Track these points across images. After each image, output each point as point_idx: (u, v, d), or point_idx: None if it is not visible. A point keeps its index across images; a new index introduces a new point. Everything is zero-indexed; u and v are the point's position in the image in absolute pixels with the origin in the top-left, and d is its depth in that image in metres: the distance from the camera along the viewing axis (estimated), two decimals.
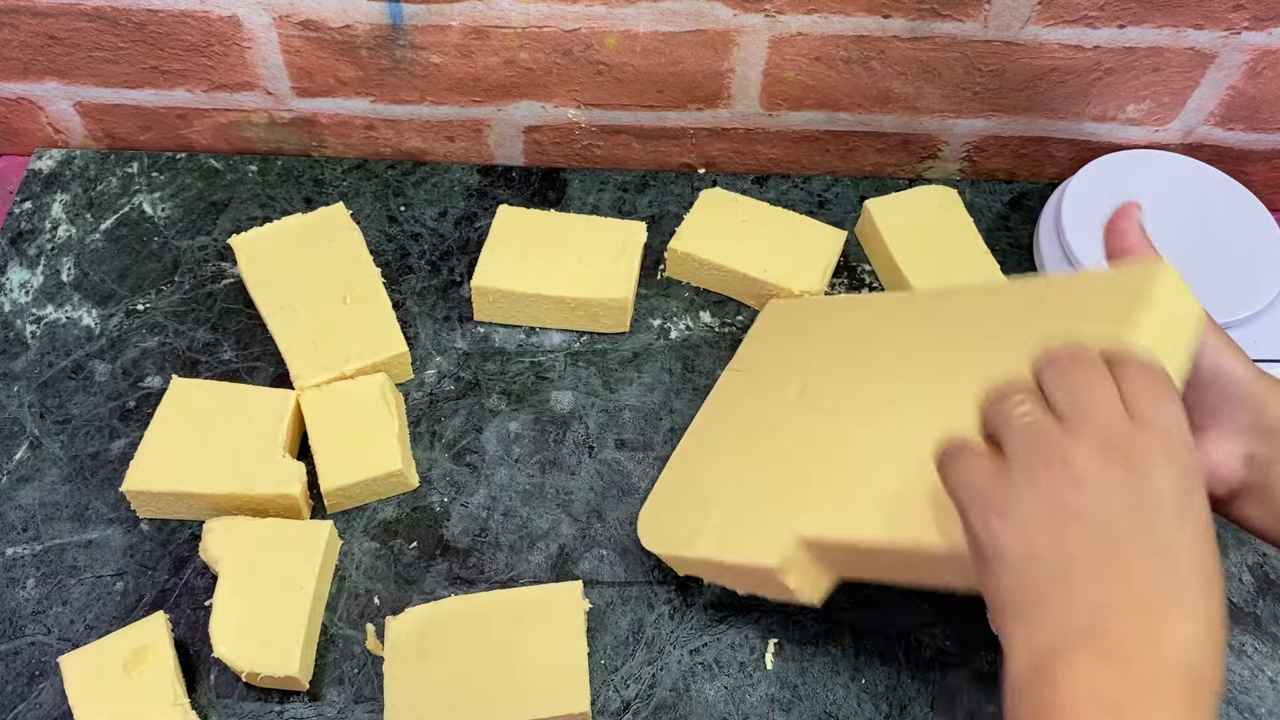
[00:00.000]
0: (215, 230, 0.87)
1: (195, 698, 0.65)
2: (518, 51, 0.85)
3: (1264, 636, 0.70)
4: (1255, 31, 0.81)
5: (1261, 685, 0.69)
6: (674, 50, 0.84)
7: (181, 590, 0.70)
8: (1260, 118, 0.89)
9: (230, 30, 0.83)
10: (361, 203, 0.89)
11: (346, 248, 0.82)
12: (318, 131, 0.92)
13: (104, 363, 0.80)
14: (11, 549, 0.71)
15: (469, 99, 0.89)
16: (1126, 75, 0.85)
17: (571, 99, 0.89)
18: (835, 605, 0.64)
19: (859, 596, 0.66)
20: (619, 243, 0.82)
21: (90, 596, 0.69)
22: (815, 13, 0.81)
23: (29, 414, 0.77)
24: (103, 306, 0.82)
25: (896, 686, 0.68)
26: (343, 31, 0.83)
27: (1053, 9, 0.80)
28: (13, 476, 0.74)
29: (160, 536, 0.72)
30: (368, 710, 0.66)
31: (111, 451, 0.75)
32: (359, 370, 0.76)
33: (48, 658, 0.67)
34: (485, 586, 0.70)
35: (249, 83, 0.88)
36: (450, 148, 0.93)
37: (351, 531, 0.73)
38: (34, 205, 0.88)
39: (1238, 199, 0.84)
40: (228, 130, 0.92)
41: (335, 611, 0.69)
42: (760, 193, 0.91)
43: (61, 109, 0.91)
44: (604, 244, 0.82)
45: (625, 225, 0.84)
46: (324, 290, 0.79)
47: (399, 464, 0.72)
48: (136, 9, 0.82)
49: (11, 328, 0.81)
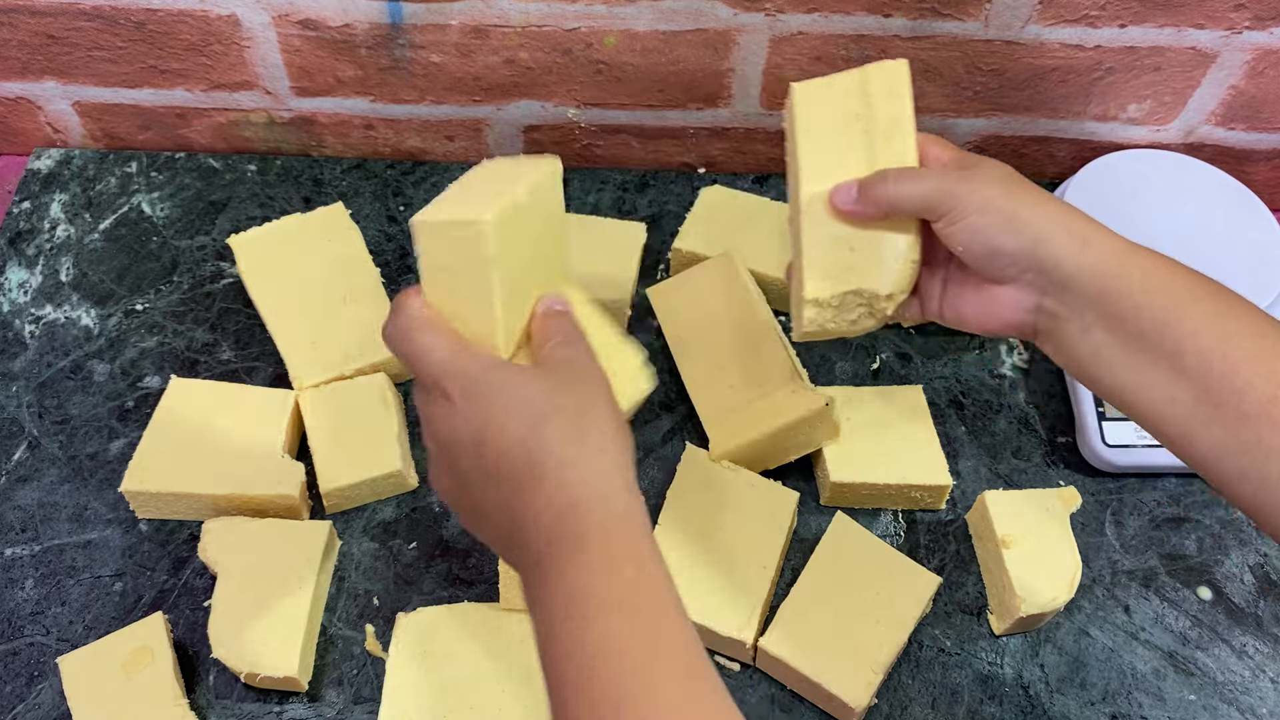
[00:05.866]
0: (214, 230, 0.87)
1: (195, 698, 0.65)
2: (517, 51, 0.84)
3: (1265, 637, 0.70)
4: (1256, 31, 0.81)
5: (1263, 686, 0.68)
6: (674, 49, 0.84)
7: (181, 590, 0.70)
8: (1261, 117, 0.89)
9: (229, 29, 0.83)
10: (361, 202, 0.89)
11: (346, 248, 0.82)
12: (317, 131, 0.92)
13: (103, 363, 0.79)
14: (10, 549, 0.71)
15: (468, 98, 0.89)
16: (1127, 75, 0.85)
17: (571, 98, 0.89)
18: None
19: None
20: (618, 244, 0.82)
21: (89, 597, 0.69)
22: (815, 12, 0.81)
23: (28, 414, 0.77)
24: (101, 306, 0.82)
25: (896, 686, 0.68)
26: (342, 31, 0.83)
27: (1053, 8, 0.80)
28: (11, 477, 0.74)
29: (159, 537, 0.72)
30: (367, 710, 0.65)
31: (110, 451, 0.75)
32: (359, 370, 0.76)
33: (46, 658, 0.67)
34: (484, 587, 0.70)
35: (248, 82, 0.88)
36: (450, 147, 0.93)
37: (351, 531, 0.72)
38: (32, 205, 0.88)
39: (1238, 199, 0.84)
40: (227, 130, 0.92)
41: (335, 612, 0.69)
42: (760, 192, 0.91)
43: (60, 108, 0.90)
44: (603, 245, 0.82)
45: (625, 226, 0.84)
46: (324, 290, 0.79)
47: (399, 464, 0.72)
48: (135, 8, 0.82)
49: (10, 328, 0.81)
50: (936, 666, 0.68)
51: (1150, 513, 0.75)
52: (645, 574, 0.47)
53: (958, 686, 0.68)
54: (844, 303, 0.58)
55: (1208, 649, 0.70)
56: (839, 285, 0.57)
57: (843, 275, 0.57)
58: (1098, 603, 0.71)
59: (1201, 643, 0.70)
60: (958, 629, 0.70)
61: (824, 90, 0.61)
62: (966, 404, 0.80)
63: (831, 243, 0.58)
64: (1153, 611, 0.71)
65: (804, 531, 0.73)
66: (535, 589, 0.48)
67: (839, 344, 0.82)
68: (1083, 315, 0.53)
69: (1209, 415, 0.50)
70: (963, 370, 0.81)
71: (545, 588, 0.47)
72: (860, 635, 0.65)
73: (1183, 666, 0.69)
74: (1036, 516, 0.70)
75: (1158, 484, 0.77)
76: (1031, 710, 0.67)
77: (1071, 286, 0.53)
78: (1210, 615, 0.71)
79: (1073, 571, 0.68)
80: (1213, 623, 0.71)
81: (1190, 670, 0.69)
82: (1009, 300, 0.56)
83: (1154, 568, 0.73)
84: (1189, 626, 0.71)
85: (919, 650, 0.69)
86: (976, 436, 0.78)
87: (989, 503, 0.71)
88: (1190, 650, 0.70)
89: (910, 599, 0.68)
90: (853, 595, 0.67)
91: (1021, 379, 0.81)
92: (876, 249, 0.57)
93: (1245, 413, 0.49)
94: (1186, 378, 0.51)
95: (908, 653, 0.69)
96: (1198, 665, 0.69)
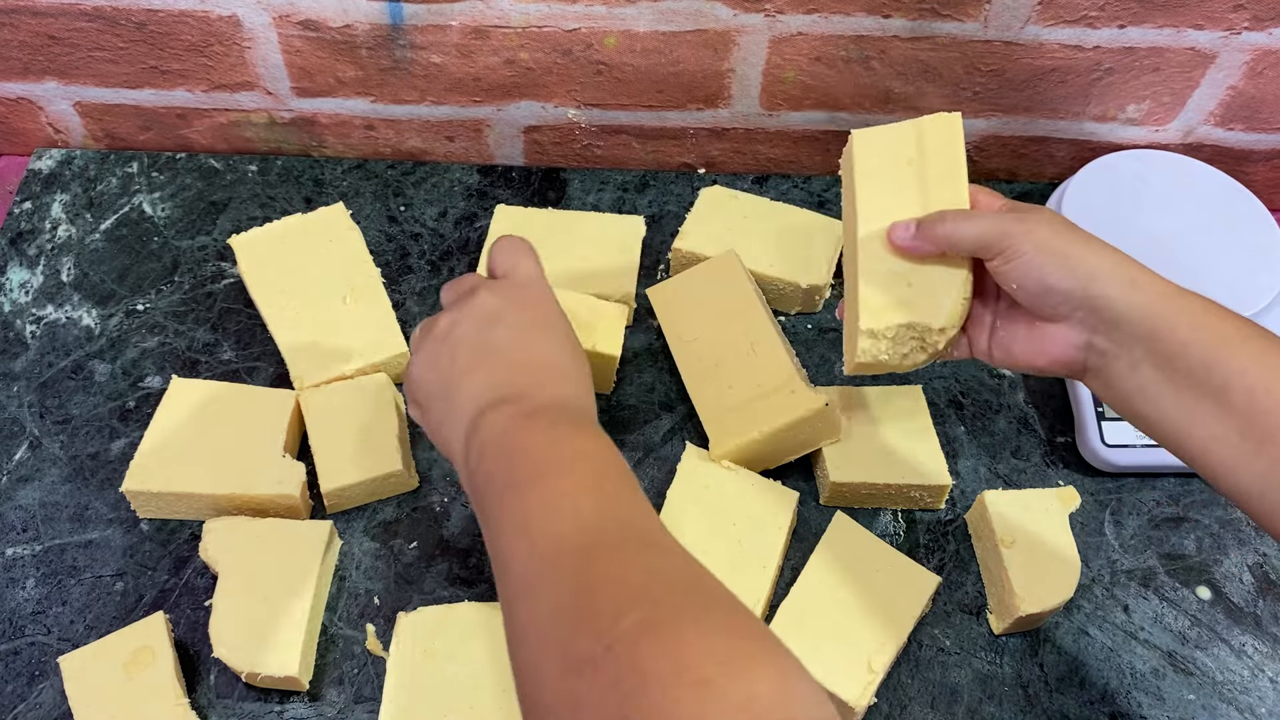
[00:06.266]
0: (215, 230, 0.87)
1: (195, 698, 0.65)
2: (518, 51, 0.84)
3: (1264, 636, 0.70)
4: (1255, 31, 0.81)
5: (1262, 685, 0.69)
6: (674, 50, 0.84)
7: (181, 590, 0.70)
8: (1260, 118, 0.89)
9: (230, 30, 0.83)
10: (361, 203, 0.89)
11: (346, 248, 0.82)
12: (318, 131, 0.92)
13: (104, 363, 0.79)
14: (11, 549, 0.71)
15: (469, 99, 0.89)
16: (1127, 75, 0.85)
17: (571, 99, 0.89)
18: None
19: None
20: (619, 239, 0.83)
21: (90, 597, 0.69)
22: (815, 13, 0.81)
23: (29, 414, 0.77)
24: (103, 306, 0.82)
25: (896, 686, 0.68)
26: (343, 31, 0.83)
27: (1053, 9, 0.80)
28: (13, 477, 0.74)
29: (160, 536, 0.72)
30: (367, 710, 0.66)
31: (111, 451, 0.75)
32: (359, 370, 0.76)
33: (47, 658, 0.67)
34: (485, 587, 0.70)
35: (249, 83, 0.88)
36: (450, 148, 0.93)
37: (351, 531, 0.73)
38: (34, 205, 0.88)
39: (1238, 199, 0.84)
40: (227, 130, 0.92)
41: (335, 611, 0.69)
42: (760, 192, 0.91)
43: (61, 109, 0.91)
44: (604, 240, 0.82)
45: (624, 220, 0.84)
46: (324, 290, 0.79)
47: (399, 464, 0.72)
48: (136, 9, 0.82)
49: (11, 328, 0.81)
50: (936, 666, 0.69)
51: (1149, 512, 0.75)
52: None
53: (957, 686, 0.68)
54: (898, 335, 0.60)
55: (1207, 648, 0.70)
56: (894, 318, 0.60)
57: (898, 309, 0.60)
58: (1097, 602, 0.71)
59: (1200, 642, 0.70)
60: (957, 629, 0.70)
61: (882, 138, 0.64)
62: (966, 404, 0.80)
63: (887, 278, 0.61)
64: (1152, 611, 0.71)
65: (804, 531, 0.73)
66: (494, 459, 0.52)
67: (839, 344, 0.82)
68: (1131, 352, 0.55)
69: (1254, 450, 0.51)
70: (962, 370, 0.81)
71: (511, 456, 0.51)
72: (860, 635, 0.66)
73: (1182, 666, 0.69)
74: (1036, 516, 0.70)
75: (1157, 484, 0.77)
76: (1031, 710, 0.67)
77: (1122, 325, 0.55)
78: (1209, 615, 0.71)
79: (1072, 571, 0.68)
80: (1212, 622, 0.71)
81: (1189, 670, 0.69)
82: (1059, 338, 0.58)
83: (1153, 567, 0.73)
84: (1188, 626, 0.71)
85: (918, 650, 0.69)
86: (976, 436, 0.78)
87: (988, 502, 0.71)
88: (1189, 650, 0.70)
89: (910, 599, 0.68)
90: (852, 595, 0.67)
91: (1021, 379, 0.81)
92: (931, 285, 0.60)
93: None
94: (1232, 413, 0.52)
95: (907, 652, 0.69)
96: (1197, 665, 0.69)
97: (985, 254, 0.58)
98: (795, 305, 0.84)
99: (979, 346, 0.62)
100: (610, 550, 0.45)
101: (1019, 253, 0.56)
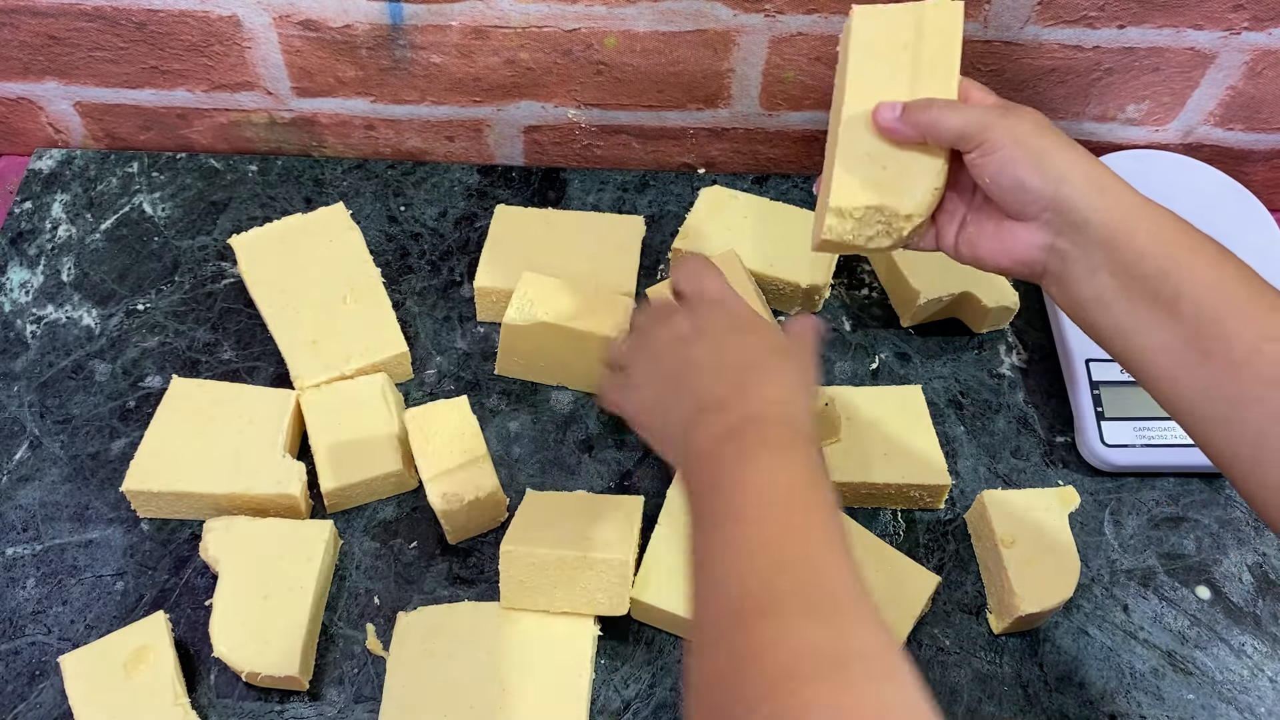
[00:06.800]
0: (215, 230, 0.87)
1: (195, 698, 0.65)
2: (518, 51, 0.85)
3: (1264, 636, 0.70)
4: (1255, 32, 0.81)
5: (1261, 685, 0.69)
6: (674, 50, 0.84)
7: (181, 590, 0.70)
8: (1260, 118, 0.89)
9: (230, 30, 0.83)
10: (361, 203, 0.89)
11: (346, 248, 0.82)
12: (318, 131, 0.92)
13: (104, 362, 0.80)
14: (11, 549, 0.71)
15: (469, 99, 0.89)
16: (1126, 75, 0.85)
17: (571, 99, 0.89)
18: None
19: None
20: (619, 239, 0.83)
21: (90, 596, 0.69)
22: (815, 13, 0.81)
23: (29, 414, 0.77)
24: (103, 306, 0.82)
25: None
26: (343, 31, 0.83)
27: (1052, 9, 0.80)
28: (13, 476, 0.74)
29: (160, 536, 0.72)
30: (367, 710, 0.66)
31: (111, 451, 0.75)
32: (359, 370, 0.76)
33: (48, 657, 0.67)
34: (485, 587, 0.70)
35: (249, 83, 0.88)
36: (450, 148, 0.93)
37: (351, 531, 0.73)
38: (34, 205, 0.88)
39: (1238, 199, 0.84)
40: (228, 130, 0.92)
41: (335, 611, 0.69)
42: (760, 192, 0.91)
43: (61, 109, 0.91)
44: (604, 240, 0.82)
45: (624, 220, 0.84)
46: (324, 290, 0.79)
47: (399, 464, 0.72)
48: (136, 9, 0.82)
49: (12, 328, 0.81)
50: (935, 666, 0.69)
51: (1149, 512, 0.75)
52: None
53: (957, 686, 0.68)
54: (865, 216, 0.61)
55: (1206, 648, 0.70)
56: (863, 199, 0.60)
57: (869, 190, 0.60)
58: (1096, 602, 0.71)
59: (1200, 642, 0.70)
60: (957, 628, 0.70)
61: (881, 18, 0.64)
62: (965, 404, 0.80)
63: (864, 159, 0.61)
64: (1151, 611, 0.71)
65: None
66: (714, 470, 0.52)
67: (838, 344, 0.82)
68: (1091, 257, 0.56)
69: (1197, 360, 0.53)
70: (962, 370, 0.82)
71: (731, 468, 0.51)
72: None
73: (1181, 666, 0.69)
74: (1035, 516, 0.70)
75: (1156, 484, 0.77)
76: (1030, 709, 0.67)
77: (1085, 229, 0.56)
78: (1209, 614, 0.71)
79: (1071, 571, 0.68)
80: (1211, 622, 0.71)
81: (1189, 669, 0.69)
82: (1024, 237, 0.58)
83: (1152, 567, 0.73)
84: (1187, 626, 0.71)
85: (918, 649, 0.69)
86: (975, 436, 0.78)
87: (988, 502, 0.71)
88: (1189, 649, 0.70)
89: (909, 598, 0.68)
90: None
91: (1020, 379, 0.81)
92: (906, 170, 0.60)
93: (1232, 360, 0.52)
94: (1180, 322, 0.53)
95: (906, 652, 0.69)
96: (1196, 664, 0.69)
97: (964, 145, 0.58)
98: (795, 305, 0.84)
99: (946, 240, 0.62)
100: (766, 619, 0.44)
101: (997, 146, 0.57)
